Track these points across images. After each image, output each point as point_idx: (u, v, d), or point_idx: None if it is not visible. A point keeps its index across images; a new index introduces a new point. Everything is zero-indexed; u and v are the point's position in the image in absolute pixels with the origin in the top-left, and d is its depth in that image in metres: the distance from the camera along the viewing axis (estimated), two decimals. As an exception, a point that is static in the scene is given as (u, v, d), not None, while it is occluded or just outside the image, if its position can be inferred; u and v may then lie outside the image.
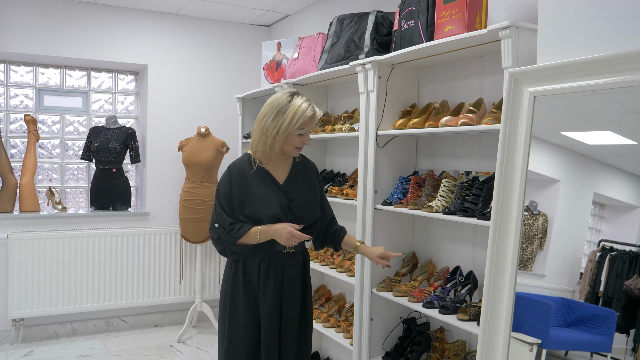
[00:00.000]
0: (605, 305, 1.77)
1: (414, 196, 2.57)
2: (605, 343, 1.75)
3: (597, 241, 1.85)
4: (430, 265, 2.69)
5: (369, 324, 2.73)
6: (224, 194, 2.19)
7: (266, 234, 2.12)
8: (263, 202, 2.15)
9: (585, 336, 1.80)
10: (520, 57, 1.95)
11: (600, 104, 1.74)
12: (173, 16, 4.63)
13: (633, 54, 1.51)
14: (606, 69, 1.60)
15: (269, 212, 2.14)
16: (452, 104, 2.58)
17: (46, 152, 4.58)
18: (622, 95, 1.65)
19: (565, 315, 1.87)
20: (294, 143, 2.17)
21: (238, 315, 2.17)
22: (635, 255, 1.72)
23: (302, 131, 2.16)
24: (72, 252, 4.24)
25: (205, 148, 4.33)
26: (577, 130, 1.90)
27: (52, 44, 4.25)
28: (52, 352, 4.01)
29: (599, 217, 1.85)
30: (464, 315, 2.21)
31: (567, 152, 1.93)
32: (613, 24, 1.63)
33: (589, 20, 1.70)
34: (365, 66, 2.69)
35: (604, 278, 1.79)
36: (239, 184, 2.18)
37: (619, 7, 1.61)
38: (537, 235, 1.97)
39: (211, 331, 4.53)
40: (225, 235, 2.14)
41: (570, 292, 1.87)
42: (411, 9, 2.47)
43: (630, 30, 1.58)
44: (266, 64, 3.92)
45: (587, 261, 1.84)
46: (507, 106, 1.86)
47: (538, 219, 1.97)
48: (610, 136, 1.82)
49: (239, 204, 2.17)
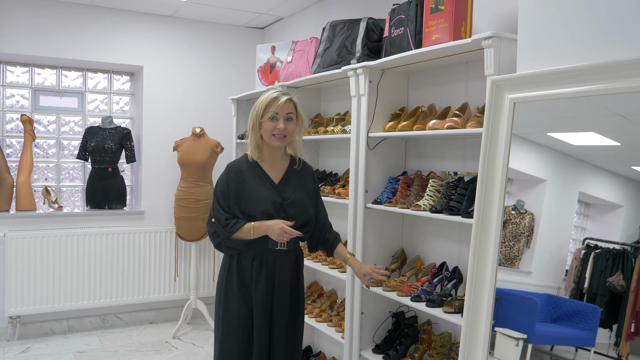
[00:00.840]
0: (589, 301, 1.82)
1: (402, 195, 2.69)
2: (589, 338, 1.79)
3: (582, 239, 1.89)
4: (418, 262, 2.81)
5: (359, 318, 2.84)
6: (221, 191, 2.30)
7: (259, 230, 2.23)
8: (257, 199, 2.27)
9: (570, 331, 1.85)
10: (502, 65, 2.07)
11: (584, 107, 1.79)
12: (169, 18, 4.72)
13: (606, 65, 1.63)
14: (581, 78, 1.72)
15: (261, 208, 2.25)
16: (439, 107, 2.70)
17: (42, 152, 4.65)
18: (605, 98, 1.71)
19: (550, 311, 1.92)
20: (268, 130, 2.28)
21: (232, 308, 2.28)
22: (618, 253, 1.77)
23: (271, 114, 2.25)
24: (68, 250, 4.32)
25: (200, 148, 4.42)
26: (562, 131, 1.96)
27: (48, 44, 4.32)
28: (49, 348, 4.09)
29: (585, 216, 1.90)
30: (449, 308, 2.33)
31: (553, 153, 1.98)
32: (588, 35, 1.76)
33: (566, 32, 1.82)
34: (357, 71, 2.80)
35: (588, 275, 1.84)
36: (236, 182, 2.29)
37: (594, 19, 1.74)
38: (524, 234, 2.03)
39: (205, 327, 4.63)
40: (221, 230, 2.25)
41: (556, 289, 1.92)
42: (400, 17, 2.59)
43: (604, 42, 1.71)
44: (260, 66, 4.02)
45: (572, 259, 1.89)
46: (489, 111, 1.99)
47: (525, 218, 2.03)
48: (595, 137, 1.88)
49: (235, 201, 2.28)
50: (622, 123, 1.76)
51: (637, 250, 1.72)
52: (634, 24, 1.62)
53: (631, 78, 1.58)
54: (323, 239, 2.44)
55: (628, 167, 1.80)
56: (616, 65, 1.61)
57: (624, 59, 1.59)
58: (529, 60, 1.94)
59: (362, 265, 2.39)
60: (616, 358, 1.71)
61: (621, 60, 1.59)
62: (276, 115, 2.27)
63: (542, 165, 2.01)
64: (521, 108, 1.94)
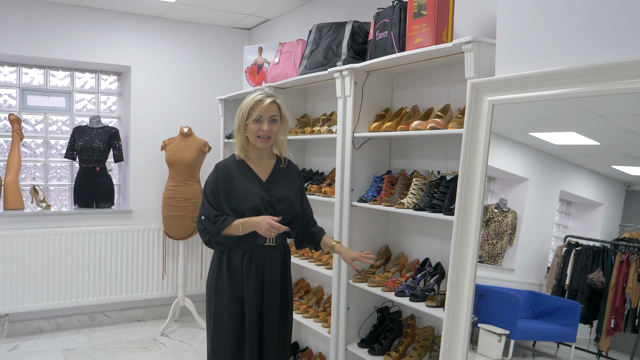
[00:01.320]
0: (570, 297, 1.87)
1: (387, 194, 2.78)
2: (570, 333, 1.84)
3: (563, 237, 1.94)
4: (402, 258, 2.90)
5: (345, 313, 2.92)
6: (210, 189, 2.38)
7: (248, 226, 2.30)
8: (246, 196, 2.35)
9: (552, 327, 1.90)
10: (482, 69, 2.16)
11: (564, 107, 1.84)
12: (156, 19, 4.76)
13: (581, 69, 1.72)
14: (557, 82, 1.81)
15: (250, 204, 2.33)
16: (422, 108, 2.79)
17: (29, 151, 4.67)
18: (584, 99, 1.76)
19: (533, 308, 1.97)
20: (253, 131, 2.36)
21: (223, 304, 2.35)
22: (598, 250, 1.81)
23: (255, 116, 2.34)
24: (56, 248, 4.34)
25: (187, 147, 4.47)
26: (543, 131, 2.01)
27: (36, 44, 4.34)
28: (38, 346, 4.11)
29: (566, 214, 1.95)
30: (432, 302, 2.42)
31: (535, 152, 2.04)
32: (565, 40, 1.85)
33: (542, 37, 1.92)
34: (343, 73, 2.88)
35: (569, 272, 1.89)
36: (225, 180, 2.37)
37: (570, 25, 1.83)
38: (506, 232, 2.09)
39: (193, 325, 4.68)
40: (211, 226, 2.32)
41: (538, 286, 1.98)
42: (385, 21, 2.67)
43: (580, 47, 1.80)
44: (248, 67, 4.08)
45: (554, 256, 1.93)
46: (469, 113, 2.08)
47: (508, 216, 2.10)
48: (575, 137, 1.94)
49: (225, 198, 2.36)
50: (602, 123, 1.82)
51: (616, 248, 1.77)
52: (609, 30, 1.71)
53: (606, 82, 1.67)
54: (309, 234, 2.52)
55: (608, 166, 1.85)
56: (590, 69, 1.70)
57: (598, 64, 1.68)
58: (507, 63, 2.03)
59: (349, 251, 2.48)
60: (596, 353, 1.76)
61: (595, 64, 1.68)
62: (260, 118, 2.35)
63: (524, 164, 2.06)
64: (503, 108, 2.02)
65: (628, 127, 1.77)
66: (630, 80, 1.59)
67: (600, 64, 1.68)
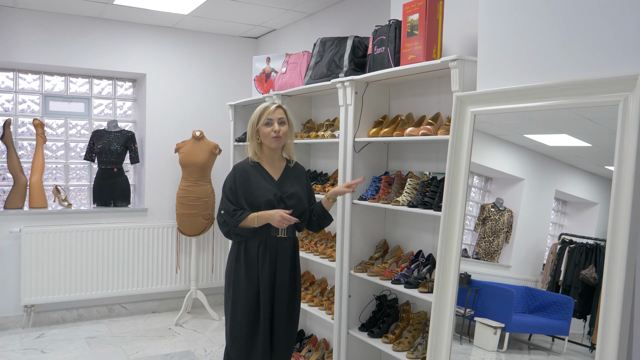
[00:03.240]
0: (564, 293, 1.92)
1: (384, 192, 3.08)
2: (564, 327, 1.89)
3: (558, 235, 1.99)
4: (398, 250, 3.20)
5: (347, 301, 3.23)
6: (229, 187, 2.71)
7: (262, 218, 2.63)
8: (260, 192, 2.68)
9: (546, 321, 1.96)
10: (466, 83, 2.46)
11: (555, 110, 1.91)
12: (170, 29, 5.07)
13: (550, 86, 1.96)
14: (531, 96, 2.03)
15: (265, 198, 2.66)
16: (416, 116, 3.09)
17: (51, 153, 4.98)
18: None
19: (528, 303, 2.04)
20: (266, 133, 2.71)
21: (240, 288, 2.67)
22: (591, 248, 1.86)
23: (265, 120, 2.69)
24: (78, 244, 4.66)
25: (199, 150, 4.79)
26: (537, 133, 2.10)
27: (57, 54, 4.65)
28: (62, 334, 4.43)
29: (562, 213, 2.00)
30: (424, 289, 2.72)
31: (530, 153, 2.12)
32: (539, 58, 2.10)
33: (520, 54, 2.18)
34: (345, 83, 3.19)
35: (563, 268, 1.94)
36: (242, 179, 2.70)
37: (544, 44, 2.08)
38: (503, 230, 2.20)
39: (205, 316, 4.99)
40: (230, 219, 2.64)
41: (534, 282, 2.04)
42: (382, 38, 2.97)
43: (555, 64, 2.04)
44: (257, 75, 4.39)
45: (549, 253, 1.99)
46: (454, 122, 2.38)
47: (504, 215, 2.21)
48: (567, 139, 2.02)
49: (242, 194, 2.68)
50: (591, 126, 1.88)
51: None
52: (582, 48, 1.92)
53: (577, 96, 1.85)
54: (315, 214, 2.83)
55: (601, 167, 1.88)
56: (563, 85, 1.91)
57: (570, 80, 1.88)
58: (487, 78, 2.33)
59: (339, 186, 2.84)
60: (589, 346, 1.81)
61: (568, 81, 1.89)
62: (270, 121, 2.70)
63: (520, 164, 2.16)
64: (480, 115, 2.28)
65: (616, 130, 1.76)
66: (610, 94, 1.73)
67: (571, 80, 1.85)
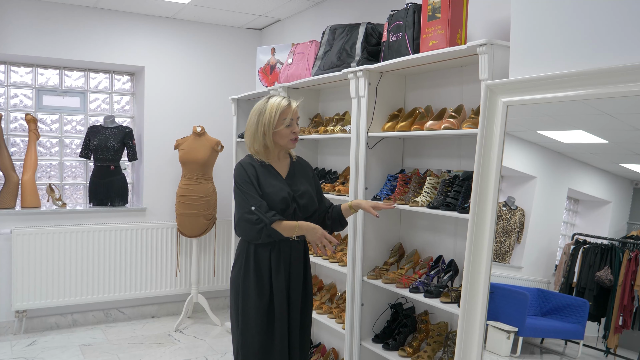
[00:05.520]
0: (578, 295, 1.87)
1: (401, 192, 2.83)
2: (578, 331, 1.85)
3: (571, 235, 1.95)
4: (415, 255, 2.95)
5: (360, 309, 2.98)
6: (245, 182, 2.39)
7: (302, 229, 2.38)
8: (273, 190, 2.40)
9: (560, 324, 1.91)
10: (495, 70, 2.21)
11: (573, 106, 1.85)
12: (169, 20, 4.83)
13: (594, 72, 1.75)
14: (571, 84, 1.84)
15: (280, 196, 2.38)
16: (435, 109, 2.84)
17: (45, 150, 4.75)
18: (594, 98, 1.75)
19: (540, 305, 1.98)
20: (285, 135, 2.43)
21: (250, 300, 2.41)
22: (606, 248, 1.82)
23: (286, 121, 2.41)
24: (72, 246, 4.43)
25: (200, 147, 4.54)
26: (551, 129, 2.02)
27: (51, 45, 4.42)
28: (55, 341, 4.19)
29: (574, 212, 1.96)
30: (446, 299, 2.47)
31: (542, 150, 2.05)
32: (578, 43, 1.89)
33: (556, 39, 1.96)
34: (357, 74, 2.93)
35: (577, 270, 1.90)
36: (254, 175, 2.42)
37: (583, 27, 1.87)
38: (514, 229, 2.11)
39: (206, 321, 4.75)
40: (264, 215, 2.33)
41: (546, 283, 1.99)
42: (399, 23, 2.72)
43: (593, 50, 1.84)
44: (261, 67, 4.14)
45: (561, 254, 1.94)
46: (483, 114, 2.13)
47: (515, 214, 2.12)
48: (583, 135, 1.95)
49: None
50: (610, 121, 1.82)
51: (624, 245, 1.77)
52: (622, 33, 1.75)
53: (619, 84, 1.70)
54: (330, 220, 2.59)
55: (616, 164, 1.85)
56: (604, 72, 1.72)
57: (612, 67, 1.70)
58: (521, 65, 2.08)
59: (368, 201, 2.59)
60: (604, 350, 1.77)
61: (609, 67, 1.71)
62: (291, 122, 2.43)
63: (532, 162, 2.08)
64: (511, 107, 2.06)
65: (637, 126, 1.77)
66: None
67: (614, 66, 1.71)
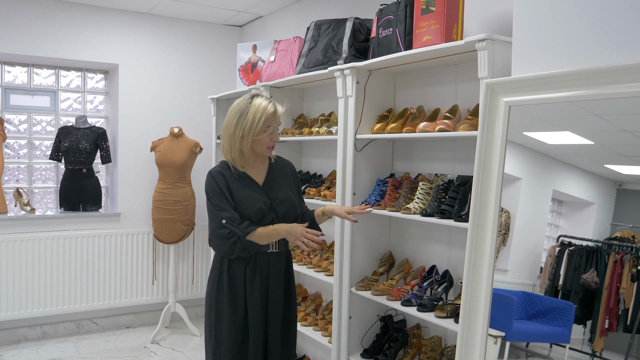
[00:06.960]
0: (563, 298, 1.84)
1: (391, 198, 2.66)
2: (564, 334, 1.82)
3: (556, 236, 1.92)
4: (406, 265, 2.78)
5: (347, 322, 2.80)
6: (216, 193, 2.20)
7: (280, 232, 2.19)
8: (247, 201, 2.20)
9: (545, 328, 1.87)
10: (495, 68, 2.05)
11: (560, 106, 1.81)
12: (145, 15, 4.60)
13: (604, 70, 1.61)
14: (579, 82, 1.69)
15: (256, 207, 2.19)
16: (428, 109, 2.68)
17: (13, 153, 4.48)
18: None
19: (526, 309, 1.93)
20: (264, 142, 2.24)
21: (223, 316, 2.22)
22: (591, 250, 1.79)
23: (270, 129, 2.22)
24: (42, 254, 4.18)
25: (178, 148, 4.32)
26: (538, 130, 1.97)
27: (19, 41, 4.16)
28: (22, 356, 3.94)
29: (558, 213, 1.92)
30: (442, 313, 2.31)
31: (528, 151, 1.99)
32: (584, 40, 1.75)
33: (561, 36, 1.81)
34: (344, 72, 2.76)
35: (562, 272, 1.86)
36: (225, 185, 2.22)
37: (589, 24, 1.73)
38: (500, 232, 2.01)
39: (185, 331, 4.53)
40: (237, 228, 2.14)
41: (531, 286, 1.94)
42: (389, 18, 2.55)
43: (600, 47, 1.70)
44: (241, 65, 3.94)
45: (547, 256, 1.90)
46: (483, 114, 1.97)
47: (501, 216, 2.01)
48: (570, 136, 1.91)
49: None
50: (597, 122, 1.78)
51: (610, 247, 1.74)
52: (629, 30, 1.61)
53: (628, 83, 1.58)
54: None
55: (600, 165, 1.83)
56: (613, 70, 1.60)
57: (621, 64, 1.57)
58: (525, 63, 1.92)
59: (342, 206, 2.51)
60: (590, 354, 1.74)
61: (617, 65, 1.58)
62: (273, 129, 2.24)
63: (518, 163, 2.01)
64: (514, 107, 1.93)
65: (624, 127, 1.74)
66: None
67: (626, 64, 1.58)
